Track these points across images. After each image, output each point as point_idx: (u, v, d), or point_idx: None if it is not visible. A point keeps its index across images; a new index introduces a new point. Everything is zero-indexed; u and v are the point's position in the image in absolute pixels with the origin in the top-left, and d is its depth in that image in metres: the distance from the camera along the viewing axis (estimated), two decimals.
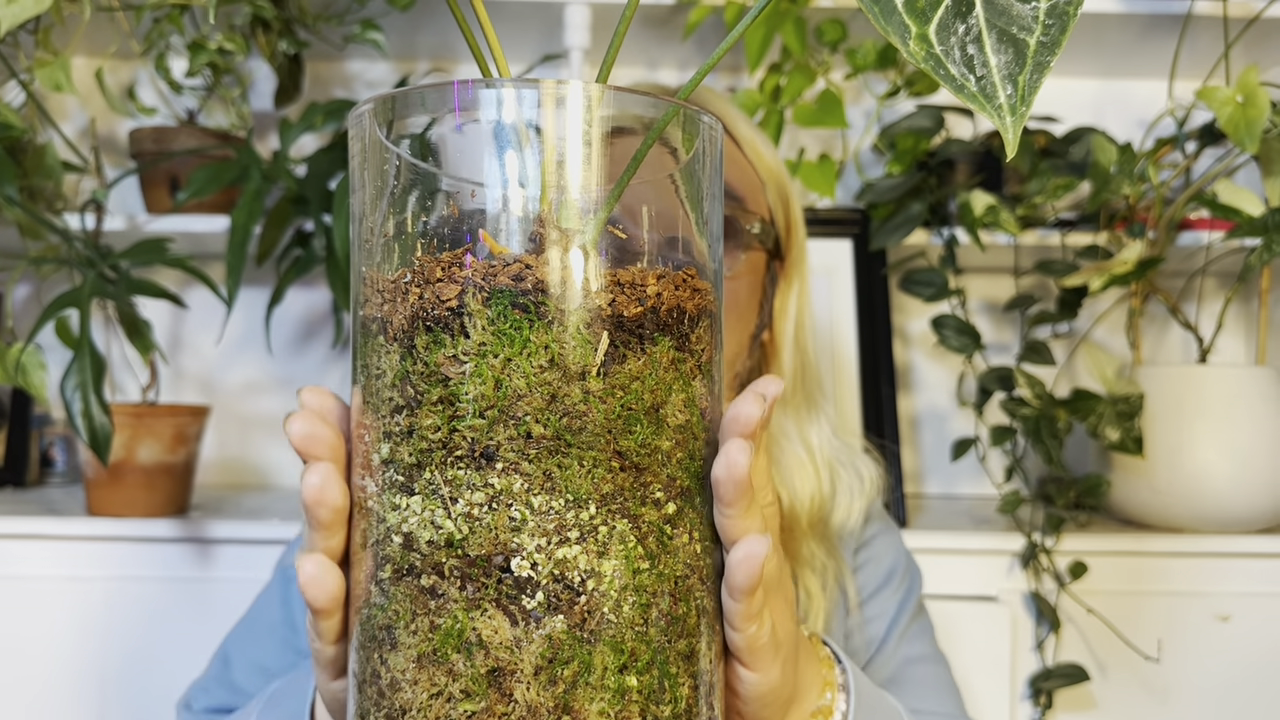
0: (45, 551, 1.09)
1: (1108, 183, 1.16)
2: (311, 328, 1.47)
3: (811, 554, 0.77)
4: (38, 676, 1.09)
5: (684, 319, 0.34)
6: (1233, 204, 1.08)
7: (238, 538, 1.10)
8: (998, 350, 1.45)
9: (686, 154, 0.35)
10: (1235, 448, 1.13)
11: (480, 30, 0.36)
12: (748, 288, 0.77)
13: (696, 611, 0.34)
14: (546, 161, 0.32)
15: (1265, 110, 1.02)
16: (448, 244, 0.33)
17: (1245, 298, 1.47)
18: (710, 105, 0.79)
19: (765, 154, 0.79)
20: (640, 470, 0.33)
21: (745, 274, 0.75)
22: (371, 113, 0.34)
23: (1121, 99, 1.48)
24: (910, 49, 0.28)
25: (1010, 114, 0.28)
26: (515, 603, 0.31)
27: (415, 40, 1.41)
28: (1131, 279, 1.15)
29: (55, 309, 0.98)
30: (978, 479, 1.44)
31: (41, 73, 1.07)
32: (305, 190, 1.17)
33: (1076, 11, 0.28)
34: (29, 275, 1.36)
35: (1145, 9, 1.27)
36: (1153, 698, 1.13)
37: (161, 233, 1.23)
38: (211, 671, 0.81)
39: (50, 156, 1.13)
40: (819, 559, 0.78)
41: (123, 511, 1.11)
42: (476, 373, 0.31)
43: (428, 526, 0.32)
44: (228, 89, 1.29)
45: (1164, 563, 1.13)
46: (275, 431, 1.47)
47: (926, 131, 1.25)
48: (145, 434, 1.10)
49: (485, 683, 0.31)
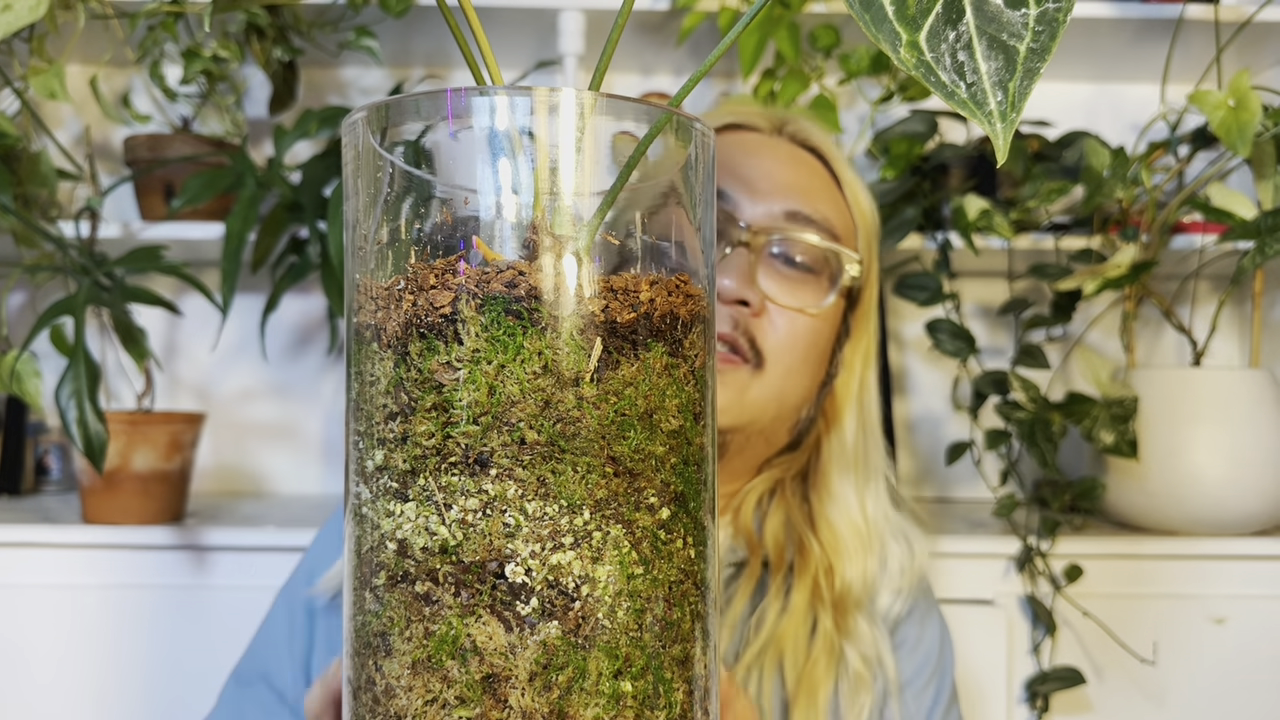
0: (41, 560, 1.09)
1: (1101, 186, 1.16)
2: (307, 334, 1.47)
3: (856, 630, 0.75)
4: (34, 685, 1.09)
5: (677, 325, 0.34)
6: (1225, 207, 1.08)
7: (233, 545, 1.10)
8: (992, 354, 1.45)
9: (679, 162, 0.35)
10: (1229, 450, 1.14)
11: (473, 37, 0.37)
12: (827, 333, 0.76)
13: (691, 616, 0.34)
14: (540, 168, 0.33)
15: (1257, 114, 1.03)
16: (441, 251, 0.33)
17: (1238, 301, 1.47)
18: (813, 140, 0.79)
19: (863, 201, 0.79)
20: (634, 476, 0.33)
21: (828, 318, 0.75)
22: (365, 120, 0.35)
23: (1114, 103, 1.49)
24: (901, 56, 0.28)
25: (1000, 120, 0.28)
26: (510, 609, 0.31)
27: (409, 47, 1.41)
28: (1125, 282, 1.16)
29: (50, 316, 0.98)
30: (973, 483, 1.44)
31: (36, 80, 1.07)
32: (300, 197, 1.17)
33: (1066, 18, 0.28)
34: (24, 283, 1.36)
35: (1137, 13, 1.28)
36: (1149, 700, 1.13)
37: (156, 240, 1.23)
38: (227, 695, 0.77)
39: (45, 164, 1.13)
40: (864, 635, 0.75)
41: (118, 519, 1.10)
42: (470, 379, 0.32)
43: (422, 533, 0.32)
44: (222, 96, 1.29)
45: (1159, 565, 1.13)
46: (271, 438, 1.46)
47: (920, 136, 1.26)
48: (140, 441, 1.10)
49: (480, 689, 0.31)
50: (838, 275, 0.75)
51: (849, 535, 0.77)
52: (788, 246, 0.74)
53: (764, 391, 0.72)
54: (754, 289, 0.71)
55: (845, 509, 0.78)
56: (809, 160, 0.78)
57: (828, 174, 0.78)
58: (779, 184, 0.75)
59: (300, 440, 1.47)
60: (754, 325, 0.72)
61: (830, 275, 0.75)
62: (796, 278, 0.74)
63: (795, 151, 0.78)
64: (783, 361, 0.73)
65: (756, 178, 0.75)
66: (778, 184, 0.75)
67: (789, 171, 0.76)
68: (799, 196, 0.74)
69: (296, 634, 0.76)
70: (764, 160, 0.76)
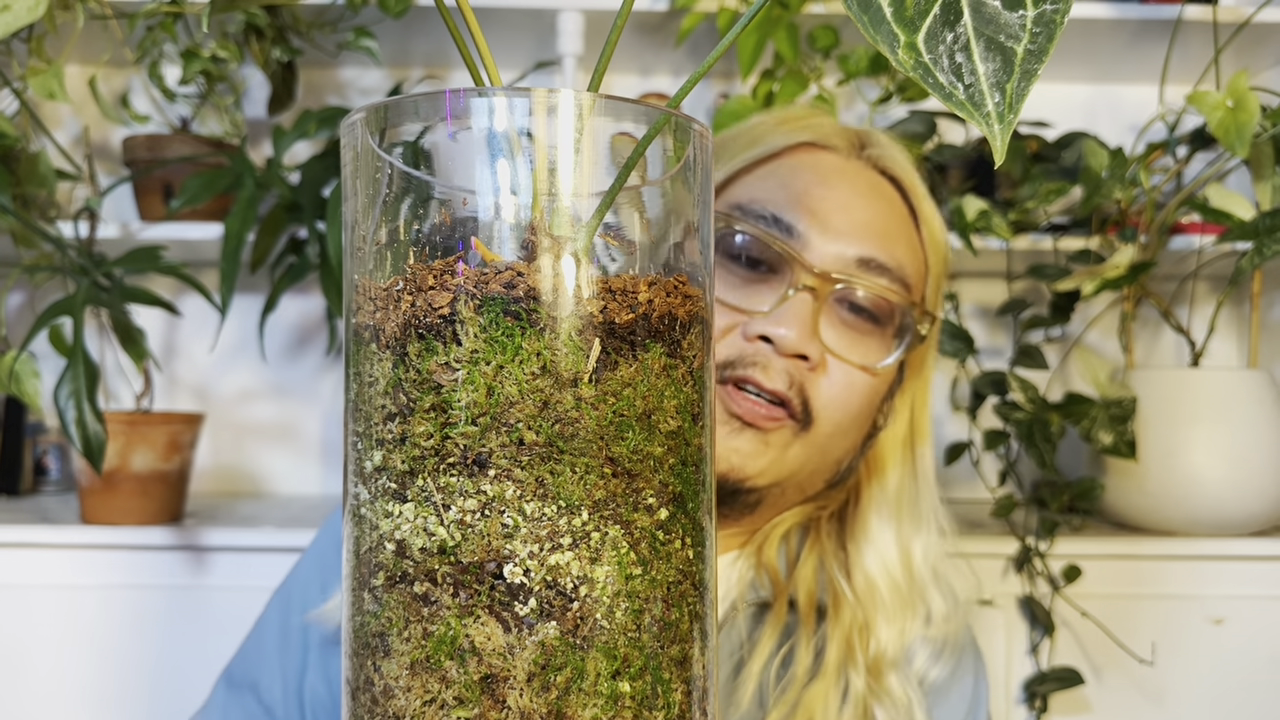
0: (39, 560, 1.09)
1: (1099, 187, 1.16)
2: (305, 335, 1.47)
3: (889, 692, 0.69)
4: (32, 685, 1.09)
5: (675, 325, 0.34)
6: (1224, 208, 1.09)
7: (232, 545, 1.10)
8: (991, 355, 1.45)
9: (677, 163, 0.35)
10: (1228, 450, 1.14)
11: (472, 38, 0.37)
12: (882, 388, 0.71)
13: (689, 617, 0.35)
14: (538, 169, 0.33)
15: (1255, 115, 1.03)
16: (440, 251, 0.33)
17: (1237, 301, 1.47)
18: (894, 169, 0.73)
19: (939, 238, 0.73)
20: (633, 476, 0.33)
21: (888, 371, 0.70)
22: (364, 121, 0.35)
23: (1113, 104, 1.49)
24: (899, 57, 0.28)
25: (998, 121, 0.28)
26: (508, 609, 0.31)
27: (408, 47, 1.41)
28: (1124, 283, 1.16)
29: (49, 317, 0.98)
30: (971, 483, 1.44)
31: (35, 81, 1.07)
32: (299, 197, 1.17)
33: (1064, 20, 0.28)
34: (23, 283, 1.36)
35: (1136, 14, 1.28)
36: (1147, 701, 1.13)
37: (155, 240, 1.23)
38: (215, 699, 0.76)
39: (44, 164, 1.13)
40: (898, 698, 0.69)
41: (117, 519, 1.10)
42: (468, 380, 0.32)
43: (420, 534, 0.32)
44: (221, 96, 1.29)
45: (1158, 566, 1.13)
46: (270, 438, 1.46)
47: (919, 137, 1.26)
48: (139, 442, 1.10)
49: (478, 689, 0.31)
50: (905, 330, 0.69)
51: (888, 590, 0.71)
52: (856, 296, 0.68)
53: (807, 450, 0.67)
54: (815, 342, 0.65)
55: (885, 560, 0.72)
56: (888, 192, 0.72)
57: (905, 208, 0.72)
58: (856, 223, 0.68)
59: (299, 441, 1.47)
60: (809, 381, 0.66)
61: (896, 329, 0.69)
62: (860, 328, 0.68)
63: (875, 181, 0.71)
64: (833, 420, 0.67)
65: (831, 212, 0.68)
66: (854, 222, 0.68)
67: (867, 208, 0.69)
68: (876, 240, 0.68)
69: (290, 651, 0.73)
70: (840, 191, 0.69)
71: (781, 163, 0.71)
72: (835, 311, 0.67)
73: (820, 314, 0.66)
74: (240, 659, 0.76)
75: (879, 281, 0.67)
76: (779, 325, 0.64)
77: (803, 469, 0.69)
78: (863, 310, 0.68)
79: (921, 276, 0.72)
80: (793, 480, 0.69)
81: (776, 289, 0.66)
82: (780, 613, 0.70)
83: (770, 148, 0.71)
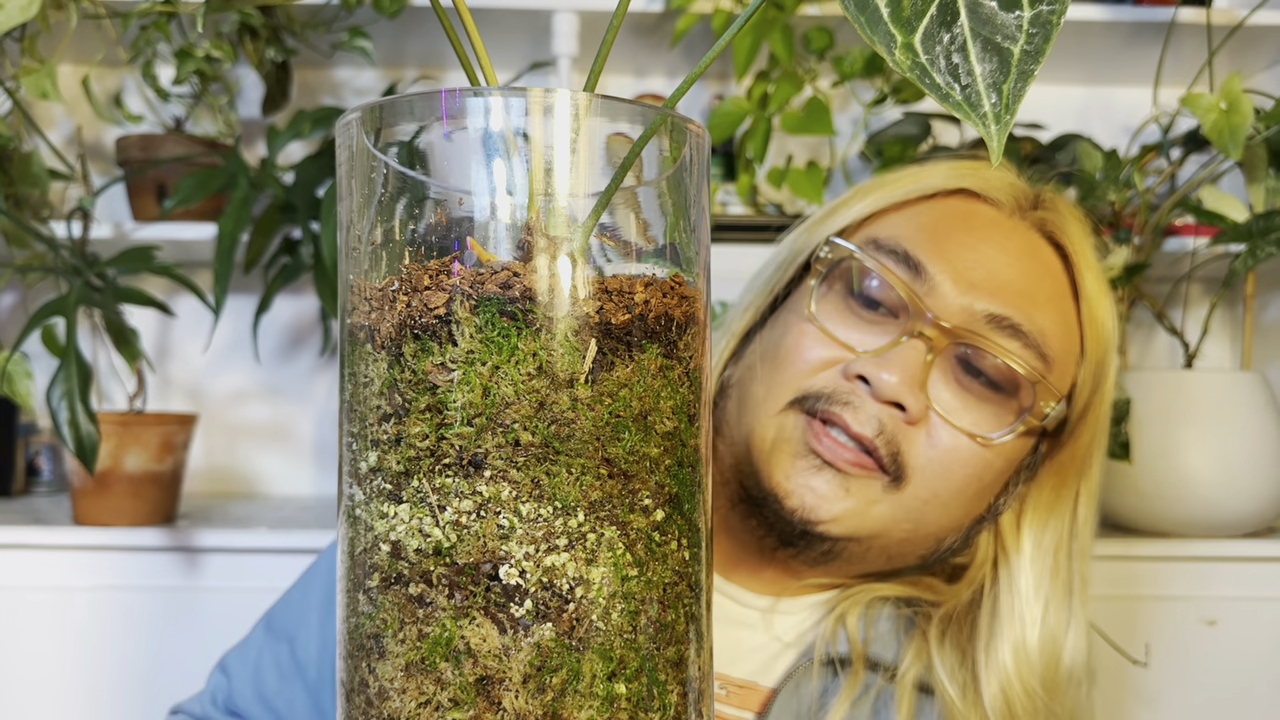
0: (31, 561, 1.08)
1: (1093, 189, 1.17)
2: (299, 335, 1.47)
3: None
4: (24, 686, 1.08)
5: (672, 326, 0.34)
6: (1217, 210, 1.09)
7: (225, 546, 1.09)
8: None
9: (673, 164, 0.35)
10: (1221, 452, 1.14)
11: (468, 38, 0.36)
12: (1000, 467, 0.64)
13: (685, 618, 0.34)
14: (534, 169, 0.32)
15: (1248, 117, 1.03)
16: (435, 252, 0.33)
17: (1230, 303, 1.48)
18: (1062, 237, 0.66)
19: (1103, 321, 0.66)
20: (629, 477, 0.33)
21: (1004, 452, 0.63)
22: (359, 121, 0.34)
23: (1107, 106, 1.49)
24: (896, 58, 0.28)
25: (995, 122, 0.28)
26: (504, 611, 0.31)
27: (403, 48, 1.41)
28: (1118, 285, 1.16)
29: (41, 317, 0.97)
30: None
31: (27, 80, 1.06)
32: (293, 198, 1.16)
33: (1060, 20, 0.28)
34: (15, 283, 1.36)
35: (1130, 17, 1.28)
36: (1141, 702, 1.13)
37: (148, 240, 1.22)
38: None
39: (36, 164, 1.13)
40: None
41: (110, 521, 1.10)
42: (464, 380, 0.31)
43: (415, 535, 0.32)
44: (215, 96, 1.28)
45: (1152, 567, 1.14)
46: (263, 439, 1.46)
47: (913, 139, 1.26)
48: (132, 443, 1.10)
49: (474, 691, 0.31)
50: (1028, 409, 0.62)
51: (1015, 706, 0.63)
52: (978, 357, 0.61)
53: (896, 512, 0.62)
54: (919, 395, 0.60)
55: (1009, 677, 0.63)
56: (1047, 258, 0.65)
57: (1067, 280, 0.66)
58: (995, 277, 0.62)
59: (293, 442, 1.46)
60: (904, 435, 0.60)
61: (1020, 405, 0.62)
62: (978, 393, 0.62)
63: (1034, 243, 0.65)
64: (930, 486, 0.61)
65: (970, 265, 0.62)
66: (993, 277, 0.62)
67: (1014, 269, 0.63)
68: (1014, 301, 0.62)
69: (332, 619, 0.70)
70: (987, 247, 0.63)
71: (934, 204, 0.67)
72: (952, 369, 0.62)
73: (933, 367, 0.61)
74: (283, 607, 0.74)
75: (1007, 345, 0.61)
76: (881, 369, 0.60)
77: (889, 532, 0.63)
78: (984, 377, 0.62)
79: (1072, 357, 0.64)
80: (877, 542, 0.63)
81: (891, 332, 0.62)
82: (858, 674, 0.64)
83: (925, 188, 0.67)
